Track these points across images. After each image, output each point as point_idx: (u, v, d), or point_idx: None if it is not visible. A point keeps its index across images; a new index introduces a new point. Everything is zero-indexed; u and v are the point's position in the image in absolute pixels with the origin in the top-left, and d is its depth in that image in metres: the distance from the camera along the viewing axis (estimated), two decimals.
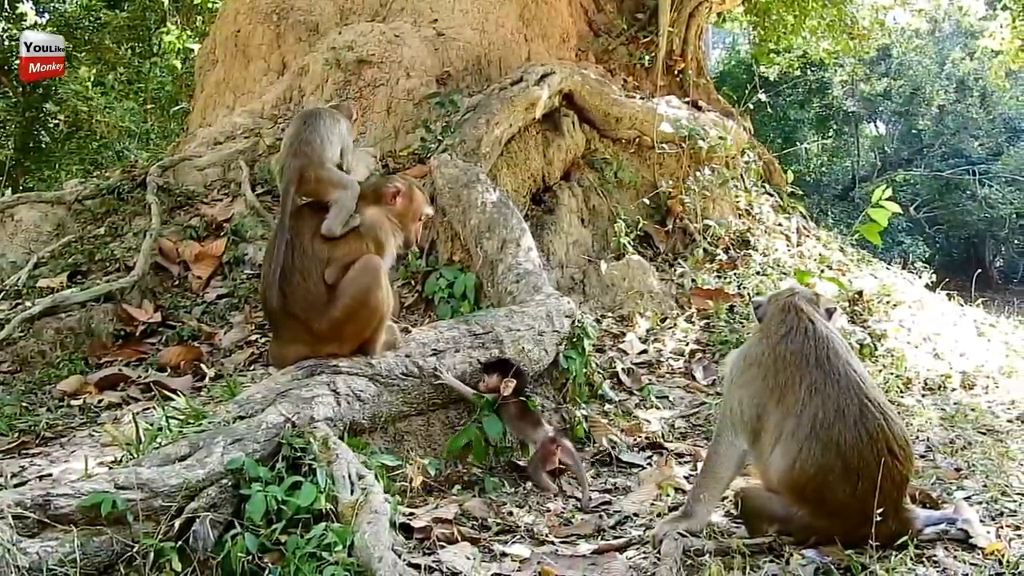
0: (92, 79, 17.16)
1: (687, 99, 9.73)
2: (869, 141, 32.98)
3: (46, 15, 17.85)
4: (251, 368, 6.17)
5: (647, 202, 8.48)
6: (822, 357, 3.79)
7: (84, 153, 16.41)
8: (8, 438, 5.25)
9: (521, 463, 5.06)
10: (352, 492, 3.58)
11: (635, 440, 5.61)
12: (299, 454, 3.75)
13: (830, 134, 29.65)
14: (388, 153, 8.10)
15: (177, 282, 7.36)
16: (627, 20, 10.38)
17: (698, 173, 8.71)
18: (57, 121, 16.30)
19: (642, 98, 9.00)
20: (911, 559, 3.63)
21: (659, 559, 3.68)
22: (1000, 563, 3.60)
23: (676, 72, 10.46)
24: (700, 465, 4.83)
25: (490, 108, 7.38)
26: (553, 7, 9.79)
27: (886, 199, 6.68)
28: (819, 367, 3.76)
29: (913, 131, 30.65)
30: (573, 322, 5.75)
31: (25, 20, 16.51)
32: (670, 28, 10.08)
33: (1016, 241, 30.71)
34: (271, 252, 4.39)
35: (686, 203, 8.49)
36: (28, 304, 6.69)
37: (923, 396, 6.66)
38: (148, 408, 5.37)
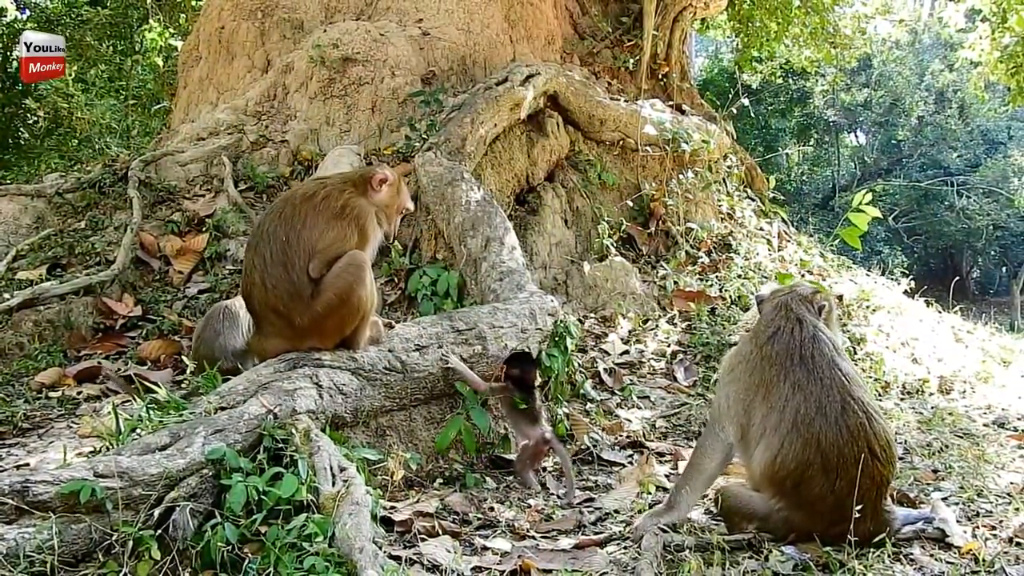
0: (73, 76, 17.01)
1: (671, 103, 9.78)
2: (849, 151, 33.30)
3: (27, 11, 17.71)
4: None
5: (630, 204, 8.52)
6: (807, 356, 3.86)
7: (64, 150, 16.25)
8: None
9: (507, 457, 5.08)
10: (334, 484, 3.57)
11: (616, 439, 5.63)
12: (280, 445, 3.73)
13: (811, 143, 29.89)
14: (372, 151, 8.09)
15: (158, 276, 7.31)
16: (612, 23, 10.43)
17: (681, 176, 8.77)
18: (37, 118, 16.15)
19: (626, 101, 9.03)
20: (888, 557, 3.66)
21: (640, 554, 3.69)
22: (976, 561, 3.64)
23: (660, 76, 10.53)
24: (683, 463, 4.87)
25: (475, 107, 7.38)
26: (538, 9, 9.83)
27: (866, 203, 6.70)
28: (803, 365, 3.83)
29: (892, 142, 30.97)
30: (556, 321, 5.76)
31: (5, 16, 16.35)
32: (654, 32, 10.14)
33: (992, 252, 31.08)
34: (253, 244, 4.37)
35: (669, 206, 8.53)
36: (6, 296, 6.62)
37: (901, 399, 6.73)
38: (127, 401, 5.33)
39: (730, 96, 11.37)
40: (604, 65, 10.11)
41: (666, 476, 4.92)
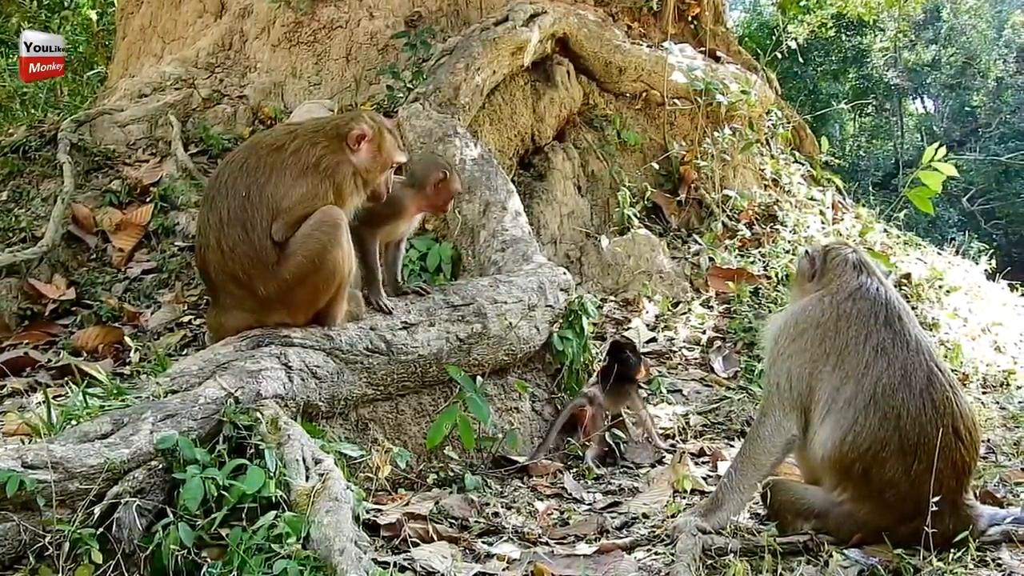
0: None
1: (702, 49, 9.77)
2: (914, 120, 33.23)
3: None
4: (183, 353, 6.12)
5: (656, 167, 8.53)
6: (893, 316, 3.89)
7: None
8: None
9: (514, 457, 5.12)
10: (307, 478, 3.57)
11: (643, 437, 5.63)
12: (243, 434, 3.73)
13: (869, 111, 29.85)
14: (347, 107, 8.09)
15: (94, 255, 7.33)
16: None
17: (716, 134, 8.75)
18: None
19: (650, 46, 9.03)
20: (972, 561, 3.65)
21: (674, 556, 3.67)
22: None
23: (690, 19, 10.46)
24: (723, 464, 4.86)
25: (470, 51, 7.39)
26: None
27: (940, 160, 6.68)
28: (888, 326, 3.85)
29: (966, 108, 30.89)
30: (569, 298, 5.75)
31: None
32: None
33: None
34: (209, 199, 4.36)
35: (702, 169, 8.54)
36: None
37: (983, 393, 6.73)
38: (61, 396, 5.32)
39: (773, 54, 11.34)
40: (623, 5, 10.02)
41: (704, 479, 4.91)
